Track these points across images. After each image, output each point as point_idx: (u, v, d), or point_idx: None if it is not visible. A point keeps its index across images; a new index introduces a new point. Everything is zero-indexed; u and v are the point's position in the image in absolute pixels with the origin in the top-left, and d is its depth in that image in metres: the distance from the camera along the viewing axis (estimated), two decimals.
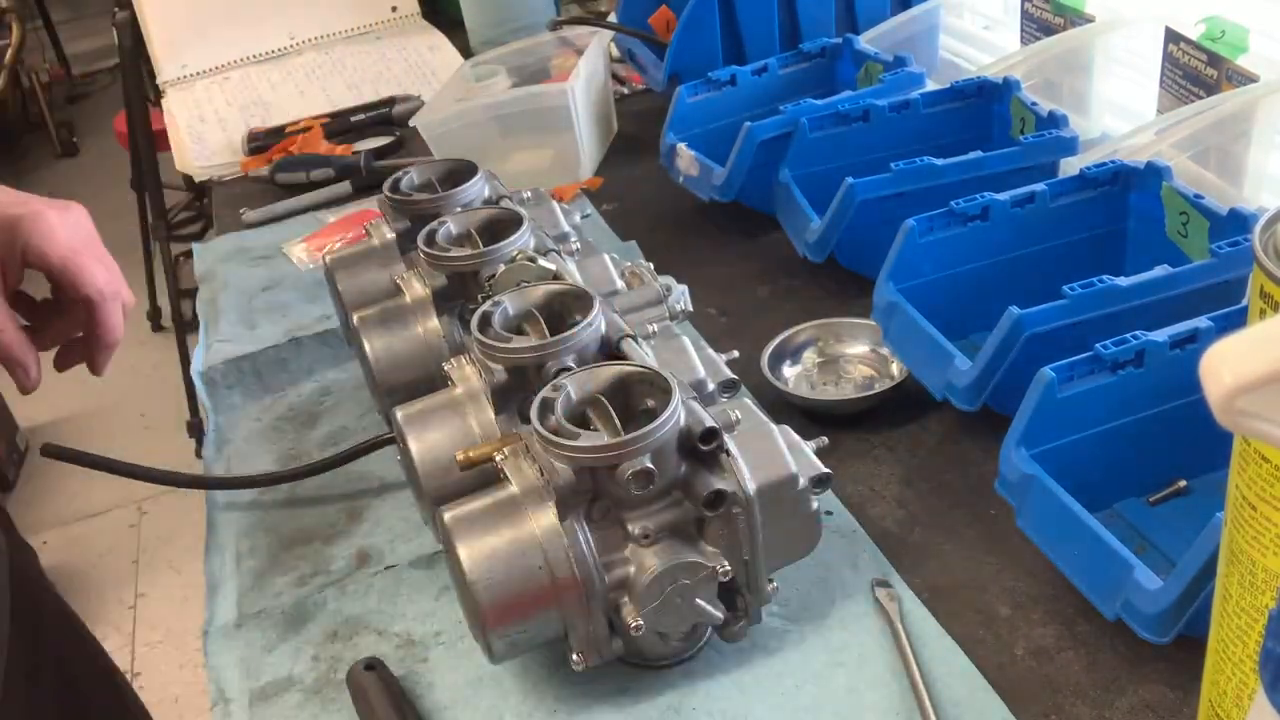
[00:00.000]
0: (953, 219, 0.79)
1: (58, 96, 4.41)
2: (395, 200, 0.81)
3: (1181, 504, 0.68)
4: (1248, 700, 0.46)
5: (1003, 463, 0.65)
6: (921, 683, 0.59)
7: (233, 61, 1.61)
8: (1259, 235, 0.40)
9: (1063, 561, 0.62)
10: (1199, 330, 0.64)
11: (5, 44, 3.64)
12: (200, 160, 1.39)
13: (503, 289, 0.68)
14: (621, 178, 1.20)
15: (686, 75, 1.14)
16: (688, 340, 0.66)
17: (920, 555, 0.68)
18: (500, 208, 0.78)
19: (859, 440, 0.78)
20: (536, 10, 1.47)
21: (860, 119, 0.96)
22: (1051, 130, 0.89)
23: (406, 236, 0.79)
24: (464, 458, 0.62)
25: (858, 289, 0.90)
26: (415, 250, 0.75)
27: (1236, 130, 0.87)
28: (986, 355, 0.71)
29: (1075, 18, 1.07)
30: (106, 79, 4.51)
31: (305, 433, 0.89)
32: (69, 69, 4.59)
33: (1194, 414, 0.62)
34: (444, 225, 0.76)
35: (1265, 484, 0.40)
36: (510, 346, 0.62)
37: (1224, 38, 0.90)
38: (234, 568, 0.78)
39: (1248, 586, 0.43)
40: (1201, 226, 0.75)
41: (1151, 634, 0.56)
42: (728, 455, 0.57)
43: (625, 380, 0.60)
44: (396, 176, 0.83)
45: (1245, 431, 0.29)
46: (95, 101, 4.52)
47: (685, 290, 0.74)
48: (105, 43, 3.48)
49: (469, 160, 0.85)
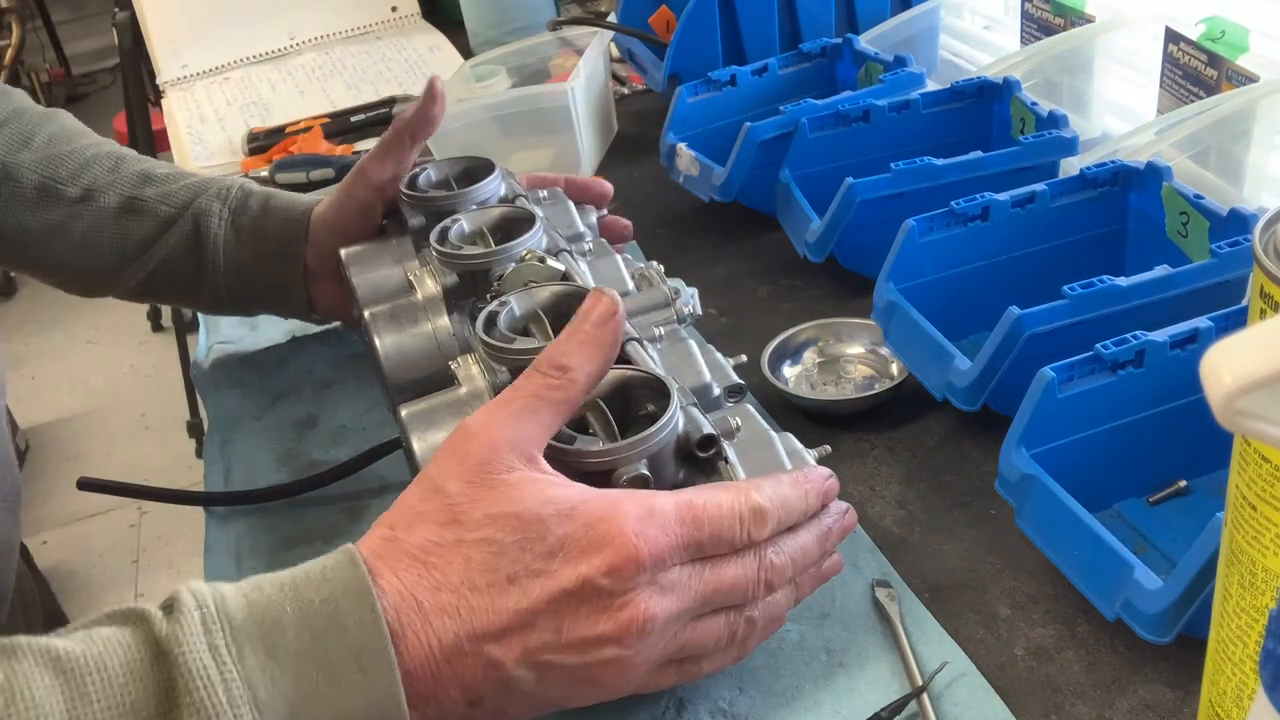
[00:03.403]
0: (953, 219, 0.79)
1: (58, 96, 4.41)
2: (410, 197, 0.81)
3: (1181, 504, 0.68)
4: (1248, 700, 0.46)
5: (1003, 463, 0.65)
6: (921, 683, 0.59)
7: (233, 61, 1.61)
8: (1259, 235, 0.40)
9: (1063, 561, 0.62)
10: (1199, 330, 0.64)
11: (5, 44, 3.64)
12: (200, 160, 1.39)
13: (510, 289, 0.68)
14: (621, 178, 1.19)
15: (686, 75, 1.14)
16: (694, 344, 0.66)
17: (920, 555, 0.68)
18: (514, 206, 0.78)
19: (859, 440, 0.78)
20: (536, 10, 1.47)
21: (860, 119, 0.96)
22: (1051, 130, 0.89)
23: (421, 233, 0.79)
24: None
25: (858, 289, 0.90)
26: (429, 247, 0.76)
27: (1236, 130, 0.87)
28: (986, 355, 0.71)
29: (1075, 18, 1.07)
30: (106, 79, 4.51)
31: (305, 433, 0.89)
32: (69, 69, 4.59)
33: (1194, 414, 0.63)
34: (457, 223, 0.76)
35: (1265, 484, 0.40)
36: (514, 348, 0.62)
37: (1224, 38, 0.90)
38: (234, 568, 0.77)
39: (1248, 586, 0.43)
40: (1201, 226, 0.75)
41: (1151, 634, 0.56)
42: (726, 463, 0.57)
43: (625, 384, 0.60)
44: (414, 173, 0.84)
45: (1245, 431, 0.29)
46: (95, 101, 4.53)
47: (695, 293, 0.74)
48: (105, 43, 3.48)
49: (486, 158, 0.85)
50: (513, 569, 0.48)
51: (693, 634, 0.52)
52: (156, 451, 2.80)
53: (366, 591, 0.47)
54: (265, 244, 0.85)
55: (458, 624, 0.47)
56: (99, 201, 0.85)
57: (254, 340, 1.00)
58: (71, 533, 2.62)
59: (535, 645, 0.48)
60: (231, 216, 0.85)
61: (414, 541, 0.49)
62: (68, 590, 2.47)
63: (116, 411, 3.00)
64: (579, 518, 0.49)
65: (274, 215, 0.86)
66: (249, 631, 0.46)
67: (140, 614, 0.46)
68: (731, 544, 0.52)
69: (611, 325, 0.56)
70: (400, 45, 1.61)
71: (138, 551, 2.55)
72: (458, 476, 0.50)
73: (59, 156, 0.86)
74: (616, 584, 0.48)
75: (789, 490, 0.55)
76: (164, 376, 2.93)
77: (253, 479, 0.85)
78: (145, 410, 2.98)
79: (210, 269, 0.86)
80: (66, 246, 0.85)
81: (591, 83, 1.18)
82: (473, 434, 0.51)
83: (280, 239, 0.85)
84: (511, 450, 0.50)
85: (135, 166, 0.87)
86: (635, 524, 0.49)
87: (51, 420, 2.99)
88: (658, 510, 0.50)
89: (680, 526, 0.50)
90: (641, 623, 0.49)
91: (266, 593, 0.48)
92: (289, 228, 0.85)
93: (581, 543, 0.48)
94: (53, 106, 0.93)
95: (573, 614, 0.48)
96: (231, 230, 0.85)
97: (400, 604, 0.47)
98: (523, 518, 0.49)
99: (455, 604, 0.47)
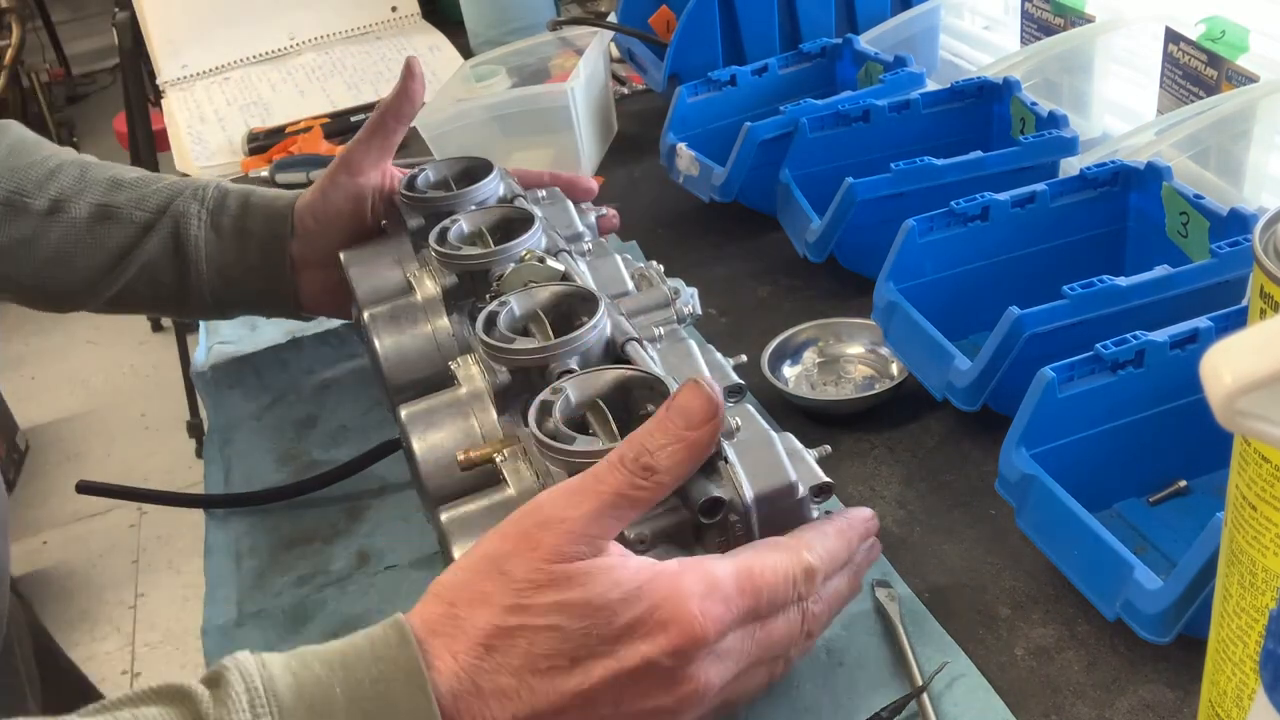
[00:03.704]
0: (953, 219, 0.79)
1: (58, 96, 4.41)
2: (409, 197, 0.81)
3: (1181, 504, 0.68)
4: (1248, 700, 0.46)
5: (1003, 463, 0.65)
6: (921, 682, 0.59)
7: (233, 61, 1.61)
8: (1259, 235, 0.40)
9: (1063, 561, 0.62)
10: (1199, 330, 0.64)
11: (5, 44, 3.64)
12: (200, 160, 1.39)
13: (510, 289, 0.68)
14: (621, 178, 1.20)
15: (686, 75, 1.14)
16: (694, 344, 0.66)
17: (920, 555, 0.68)
18: (513, 207, 0.78)
19: (859, 440, 0.78)
20: (536, 10, 1.47)
21: (860, 119, 0.96)
22: (1051, 130, 0.89)
23: (420, 234, 0.79)
24: (464, 458, 0.62)
25: (858, 289, 0.90)
26: (428, 248, 0.76)
27: (1236, 130, 0.87)
28: (986, 355, 0.71)
29: (1075, 18, 1.07)
30: (106, 79, 4.51)
31: (305, 433, 0.89)
32: (69, 69, 4.59)
33: (1194, 414, 0.63)
34: (456, 223, 0.76)
35: (1265, 484, 0.40)
36: (513, 348, 0.62)
37: (1224, 38, 0.90)
38: (234, 567, 0.78)
39: (1248, 586, 0.43)
40: (1201, 226, 0.75)
41: (1151, 634, 0.56)
42: (726, 462, 0.57)
43: (625, 385, 0.60)
44: (413, 174, 0.84)
45: (1245, 431, 0.29)
46: (95, 101, 4.52)
47: (694, 293, 0.74)
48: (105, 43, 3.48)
49: (485, 158, 0.85)
50: (576, 652, 0.47)
51: (737, 686, 0.52)
52: (156, 451, 2.80)
53: (418, 673, 0.45)
54: (249, 241, 0.83)
55: (516, 705, 0.47)
56: (69, 211, 0.82)
57: (254, 340, 1.00)
58: (71, 533, 2.62)
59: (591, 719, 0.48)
60: (211, 217, 0.83)
61: (476, 624, 0.47)
62: (67, 590, 2.47)
63: (116, 411, 3.00)
64: (644, 599, 0.48)
65: (255, 212, 0.84)
66: (298, 714, 0.44)
67: (185, 693, 0.44)
68: (784, 606, 0.52)
69: (709, 428, 0.51)
70: (400, 45, 1.61)
71: (138, 551, 2.55)
72: (527, 562, 0.48)
73: (21, 169, 0.83)
74: (679, 663, 0.48)
75: (835, 543, 0.55)
76: (164, 376, 2.93)
77: (253, 479, 0.85)
78: (145, 410, 2.98)
79: (193, 273, 0.83)
80: (37, 261, 0.82)
81: (591, 83, 1.18)
82: (547, 522, 0.49)
83: (264, 235, 0.83)
84: (585, 543, 0.49)
85: (103, 173, 0.84)
86: (699, 603, 0.48)
87: (51, 420, 2.99)
88: (720, 585, 0.49)
89: (740, 598, 0.50)
90: (700, 695, 0.49)
91: (315, 671, 0.46)
92: (273, 223, 0.83)
93: (647, 624, 0.48)
94: (53, 107, 0.92)
95: (632, 690, 0.48)
96: (212, 231, 0.83)
97: (457, 688, 0.46)
98: (591, 604, 0.47)
99: (515, 687, 0.47)
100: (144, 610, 2.40)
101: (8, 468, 2.72)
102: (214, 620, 0.73)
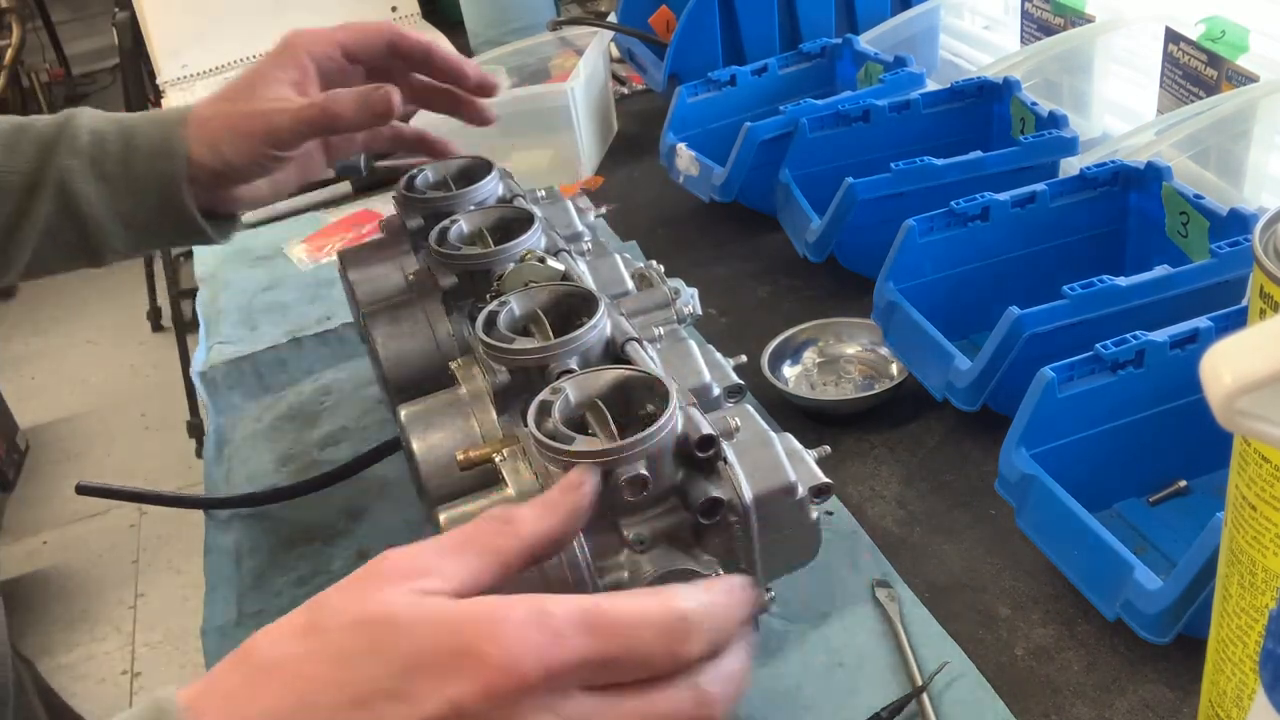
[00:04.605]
0: (953, 219, 0.79)
1: (58, 96, 4.41)
2: (409, 197, 0.81)
3: (1181, 504, 0.68)
4: (1248, 700, 0.46)
5: (1003, 463, 0.65)
6: (921, 682, 0.59)
7: (233, 61, 1.61)
8: (1259, 235, 0.40)
9: (1063, 561, 0.62)
10: (1199, 330, 0.64)
11: (5, 44, 3.64)
12: None
13: (510, 289, 0.68)
14: (621, 178, 1.20)
15: (686, 75, 1.14)
16: (694, 344, 0.66)
17: (920, 555, 0.68)
18: (512, 206, 0.78)
19: (859, 440, 0.78)
20: (536, 10, 1.47)
21: (860, 119, 0.96)
22: (1051, 130, 0.89)
23: (420, 233, 0.79)
24: (464, 458, 0.62)
25: (858, 289, 0.90)
26: (428, 248, 0.76)
27: (1236, 130, 0.87)
28: (986, 355, 0.71)
29: (1075, 18, 1.07)
30: (106, 79, 4.50)
31: (305, 433, 0.89)
32: (69, 69, 4.59)
33: (1194, 414, 0.63)
34: (456, 223, 0.76)
35: (1265, 484, 0.40)
36: (513, 348, 0.62)
37: (1224, 38, 0.90)
38: (234, 567, 0.78)
39: (1248, 586, 0.43)
40: (1201, 226, 0.75)
41: (1151, 634, 0.56)
42: (725, 463, 0.57)
43: (625, 385, 0.60)
44: (412, 173, 0.84)
45: (1245, 431, 0.29)
46: (95, 101, 4.48)
47: (694, 293, 0.74)
48: (105, 43, 3.48)
49: (484, 158, 0.85)
50: (359, 688, 0.38)
51: None
52: (156, 451, 2.80)
53: None
54: (140, 184, 0.76)
55: None
56: None
57: (254, 340, 1.00)
58: (71, 533, 2.62)
59: None
60: (94, 167, 0.76)
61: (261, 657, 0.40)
62: (68, 590, 2.47)
63: (116, 411, 3.00)
64: (448, 621, 0.39)
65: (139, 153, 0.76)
66: None
67: None
68: (651, 664, 0.40)
69: (576, 495, 0.47)
70: None
71: (138, 551, 2.55)
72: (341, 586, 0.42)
73: None
74: (495, 710, 0.37)
75: (714, 596, 0.42)
76: (164, 376, 2.93)
77: (253, 479, 0.85)
78: (145, 410, 2.98)
79: (94, 229, 0.76)
80: None
81: (591, 83, 1.18)
82: (389, 556, 0.43)
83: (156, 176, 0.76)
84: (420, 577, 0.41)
85: None
86: (517, 629, 0.38)
87: (51, 420, 2.99)
88: (552, 614, 0.38)
89: (581, 636, 0.38)
90: None
91: None
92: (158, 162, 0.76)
93: (445, 653, 0.38)
94: (53, 107, 0.91)
95: None
96: (101, 182, 0.76)
97: None
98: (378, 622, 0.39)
99: None
100: (144, 610, 2.40)
101: (8, 468, 2.72)
102: (214, 620, 0.73)
